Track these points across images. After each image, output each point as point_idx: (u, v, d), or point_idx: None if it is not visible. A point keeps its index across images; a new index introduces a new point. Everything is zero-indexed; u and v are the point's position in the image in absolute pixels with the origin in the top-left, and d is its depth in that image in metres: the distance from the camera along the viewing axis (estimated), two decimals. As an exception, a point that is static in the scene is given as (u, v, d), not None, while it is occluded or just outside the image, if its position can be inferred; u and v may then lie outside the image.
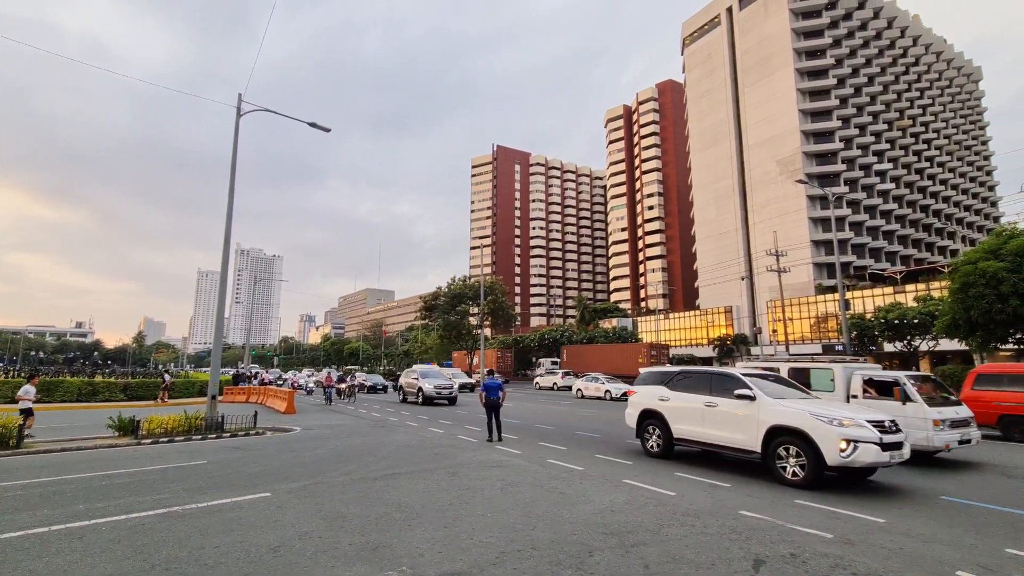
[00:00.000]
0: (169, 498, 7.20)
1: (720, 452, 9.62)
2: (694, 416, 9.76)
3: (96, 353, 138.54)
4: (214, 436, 13.89)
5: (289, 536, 5.56)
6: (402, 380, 27.96)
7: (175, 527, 5.88)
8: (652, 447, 10.69)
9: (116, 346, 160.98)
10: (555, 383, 44.79)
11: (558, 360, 54.60)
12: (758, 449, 8.55)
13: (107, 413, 15.92)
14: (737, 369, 10.68)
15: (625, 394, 27.92)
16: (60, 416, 20.21)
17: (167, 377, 30.53)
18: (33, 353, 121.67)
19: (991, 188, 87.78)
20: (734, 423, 9.02)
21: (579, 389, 33.18)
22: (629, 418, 11.43)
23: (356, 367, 76.45)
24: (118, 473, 9.02)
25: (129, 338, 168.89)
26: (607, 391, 30.84)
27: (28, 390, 13.64)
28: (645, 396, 11.05)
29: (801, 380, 11.46)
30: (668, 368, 11.67)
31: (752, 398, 8.77)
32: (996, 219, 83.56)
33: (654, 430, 10.66)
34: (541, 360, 59.19)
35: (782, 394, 9.03)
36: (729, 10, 76.09)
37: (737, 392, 9.00)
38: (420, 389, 25.21)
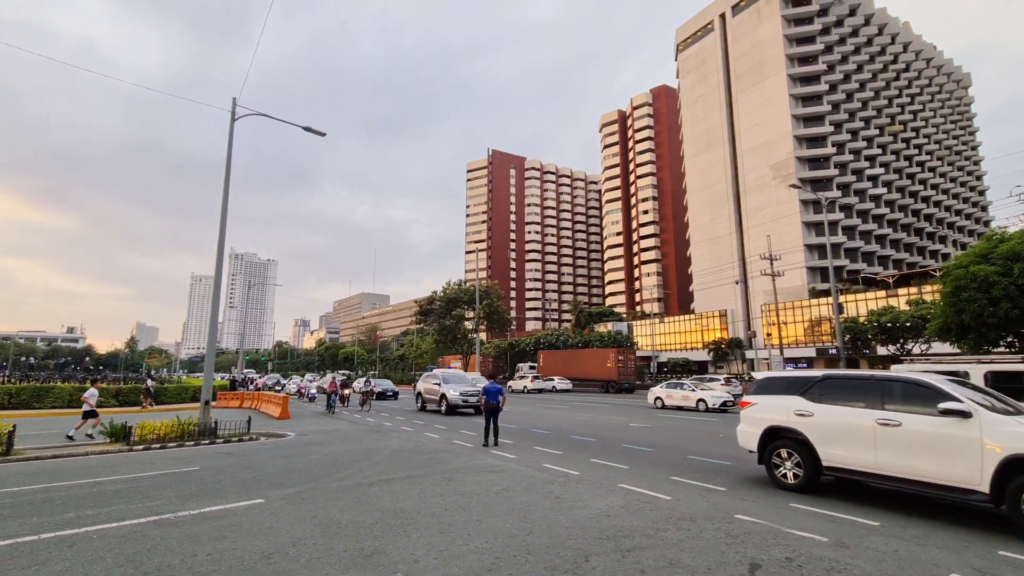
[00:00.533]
0: (161, 505, 7.12)
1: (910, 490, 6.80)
2: (859, 438, 7.20)
3: (87, 359, 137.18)
4: (207, 442, 13.77)
5: (283, 543, 5.51)
6: (420, 386, 25.35)
7: (167, 534, 5.81)
8: (786, 477, 8.09)
9: (108, 351, 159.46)
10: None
11: (535, 365, 54.95)
12: (985, 489, 6.01)
13: (141, 417, 15.77)
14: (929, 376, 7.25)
15: (726, 404, 24.28)
16: (51, 422, 19.98)
17: (150, 383, 29.48)
18: (24, 359, 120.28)
19: (981, 192, 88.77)
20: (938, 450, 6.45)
21: (658, 398, 27.22)
22: (745, 438, 8.87)
23: (346, 373, 76.09)
24: (109, 480, 8.92)
25: (121, 343, 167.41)
26: (700, 400, 24.87)
27: (92, 393, 15.05)
28: (770, 409, 8.51)
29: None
30: (804, 372, 8.88)
31: (967, 414, 6.25)
32: (986, 223, 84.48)
33: (790, 455, 8.08)
34: (520, 365, 59.50)
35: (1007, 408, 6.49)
36: (722, 16, 76.78)
37: (941, 407, 6.42)
38: (443, 396, 22.20)
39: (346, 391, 28.61)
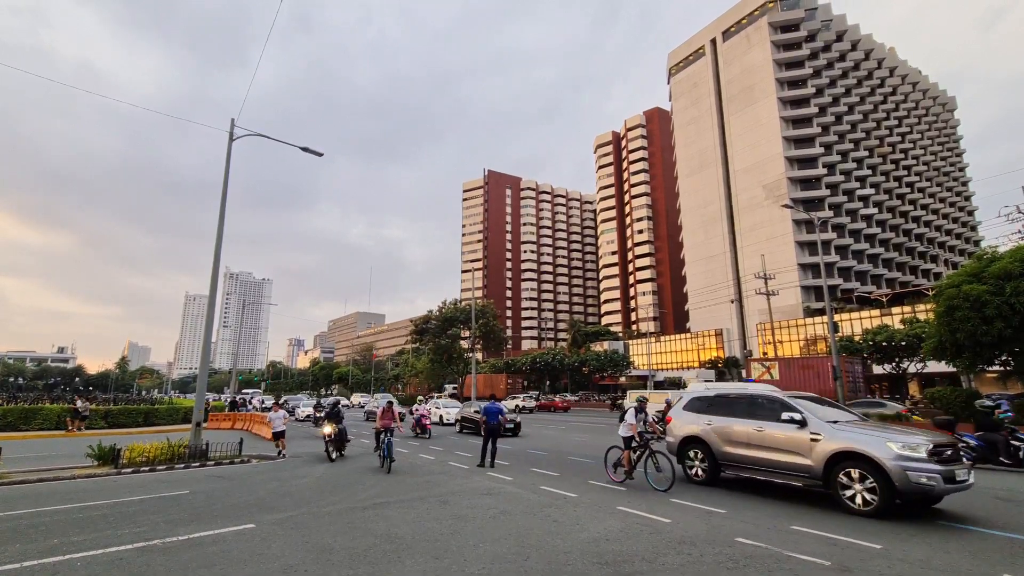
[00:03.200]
0: (149, 531, 6.94)
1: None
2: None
3: (78, 379, 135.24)
4: (198, 464, 13.51)
5: (273, 570, 5.37)
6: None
7: (154, 561, 5.65)
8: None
9: (99, 371, 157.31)
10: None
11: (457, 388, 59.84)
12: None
13: (87, 441, 15.46)
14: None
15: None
16: (38, 445, 19.59)
17: (80, 404, 26.13)
18: (12, 379, 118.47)
19: (970, 212, 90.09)
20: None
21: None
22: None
23: (329, 392, 74.95)
24: (96, 504, 8.71)
25: (112, 363, 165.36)
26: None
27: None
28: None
29: None
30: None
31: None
32: (976, 243, 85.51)
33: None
34: (446, 385, 64.99)
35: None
36: (713, 42, 78.68)
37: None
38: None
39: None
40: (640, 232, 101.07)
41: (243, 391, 65.47)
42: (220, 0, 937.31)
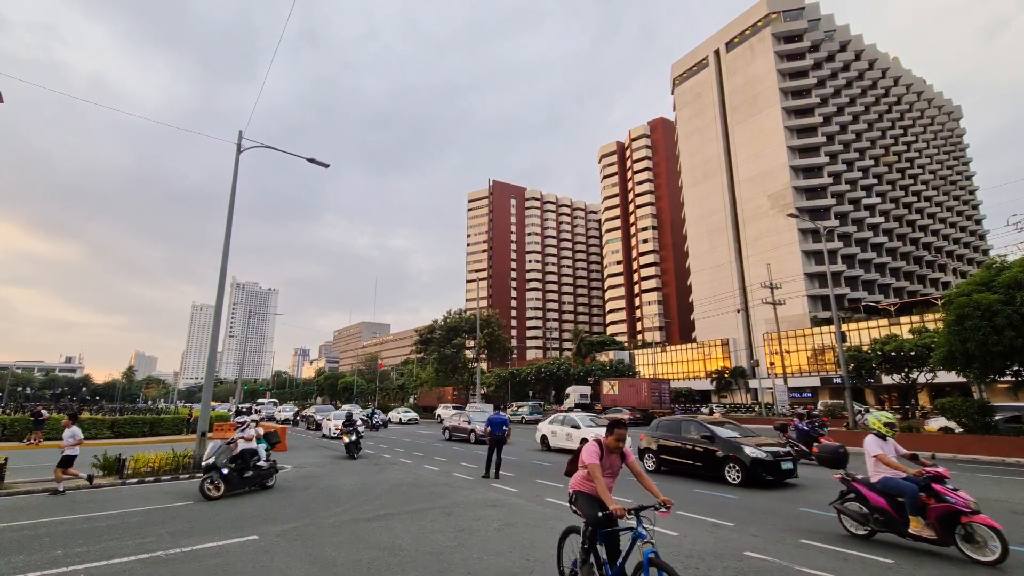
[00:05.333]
0: (152, 542, 6.92)
1: None
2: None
3: (84, 388, 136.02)
4: (202, 475, 13.46)
5: (276, 583, 5.32)
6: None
7: (157, 573, 5.62)
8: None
9: (105, 381, 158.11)
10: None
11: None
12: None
13: (93, 451, 15.47)
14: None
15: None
16: (43, 454, 19.61)
17: (44, 413, 23.64)
18: (20, 389, 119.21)
19: (978, 221, 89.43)
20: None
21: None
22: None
23: (323, 404, 74.26)
24: (100, 515, 8.70)
25: (119, 373, 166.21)
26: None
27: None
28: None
29: None
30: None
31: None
32: (985, 252, 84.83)
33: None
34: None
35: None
36: (716, 52, 79.07)
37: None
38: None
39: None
40: (645, 241, 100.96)
41: (265, 401, 65.21)
42: (230, 16, 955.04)
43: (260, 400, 71.26)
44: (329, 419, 29.53)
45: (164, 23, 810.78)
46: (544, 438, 20.77)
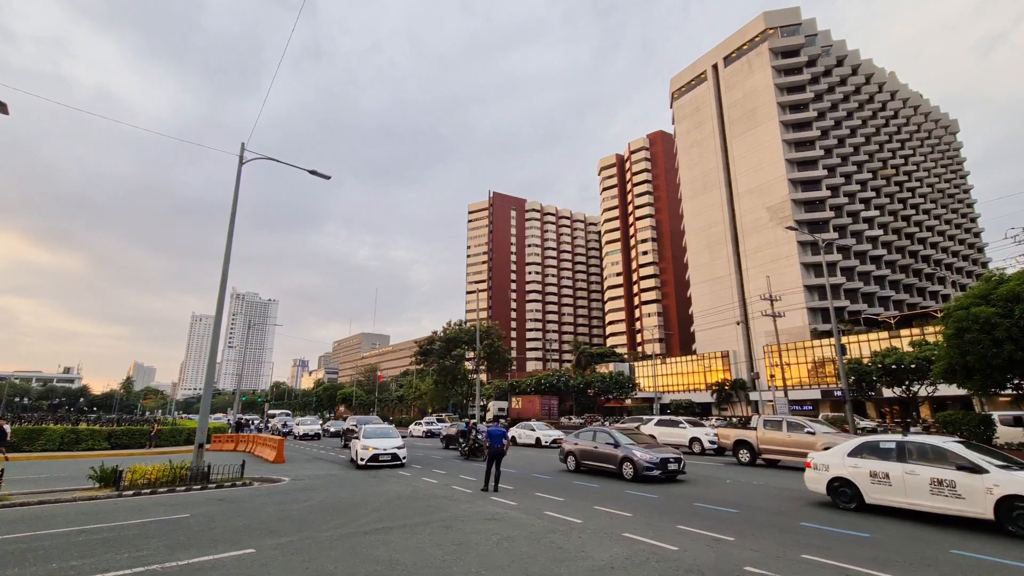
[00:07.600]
0: (148, 555, 6.87)
1: None
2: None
3: (82, 399, 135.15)
4: (199, 487, 13.40)
5: (273, 597, 5.28)
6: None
7: (153, 587, 5.57)
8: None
9: (103, 392, 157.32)
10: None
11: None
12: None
13: (90, 463, 15.38)
14: None
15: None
16: (41, 466, 19.50)
17: (6, 428, 21.66)
18: (17, 399, 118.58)
19: (976, 234, 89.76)
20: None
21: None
22: None
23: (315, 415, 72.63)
24: (96, 528, 8.64)
25: (117, 383, 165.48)
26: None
27: None
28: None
29: None
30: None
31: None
32: (983, 264, 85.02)
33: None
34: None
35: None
36: (715, 67, 79.95)
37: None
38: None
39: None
40: (645, 253, 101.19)
41: (271, 412, 61.75)
42: (236, 30, 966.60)
43: (271, 412, 64.31)
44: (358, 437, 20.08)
45: (171, 37, 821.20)
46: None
